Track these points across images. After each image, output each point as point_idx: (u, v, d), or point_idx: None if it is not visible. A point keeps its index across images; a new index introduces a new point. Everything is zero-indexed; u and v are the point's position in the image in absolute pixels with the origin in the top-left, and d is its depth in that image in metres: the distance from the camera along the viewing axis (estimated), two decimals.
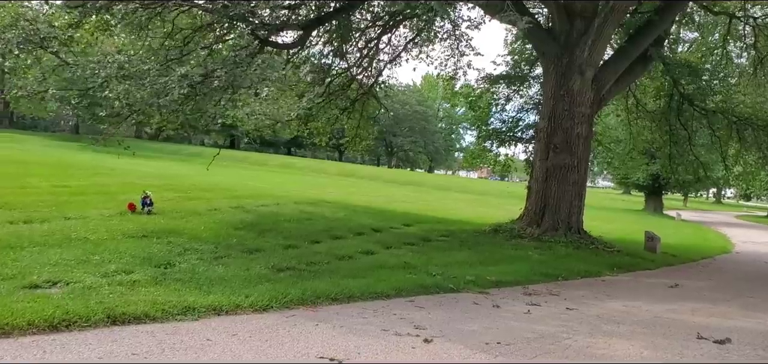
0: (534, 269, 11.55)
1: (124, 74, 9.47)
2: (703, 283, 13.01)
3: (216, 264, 8.80)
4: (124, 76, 9.46)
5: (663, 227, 31.15)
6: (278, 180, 33.53)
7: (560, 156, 15.61)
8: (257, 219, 13.74)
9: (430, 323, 7.05)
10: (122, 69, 9.52)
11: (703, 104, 19.58)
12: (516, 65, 21.28)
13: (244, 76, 9.06)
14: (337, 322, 6.70)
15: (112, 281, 7.18)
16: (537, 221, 15.74)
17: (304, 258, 10.03)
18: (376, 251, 11.77)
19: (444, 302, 8.39)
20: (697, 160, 22.07)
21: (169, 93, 9.02)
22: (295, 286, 7.87)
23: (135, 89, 9.19)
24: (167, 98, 9.05)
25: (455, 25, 19.39)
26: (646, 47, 16.36)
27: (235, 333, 5.94)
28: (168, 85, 9.03)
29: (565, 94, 15.59)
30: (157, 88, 9.11)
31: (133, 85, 9.28)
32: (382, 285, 8.62)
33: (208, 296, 6.99)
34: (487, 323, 7.33)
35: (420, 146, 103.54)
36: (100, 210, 12.31)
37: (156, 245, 9.63)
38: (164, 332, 5.81)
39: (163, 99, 9.05)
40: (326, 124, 18.86)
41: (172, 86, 8.95)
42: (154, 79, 9.25)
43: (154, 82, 9.21)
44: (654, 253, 16.84)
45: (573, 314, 8.27)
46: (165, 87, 9.08)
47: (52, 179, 16.36)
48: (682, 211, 51.85)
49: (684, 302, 10.06)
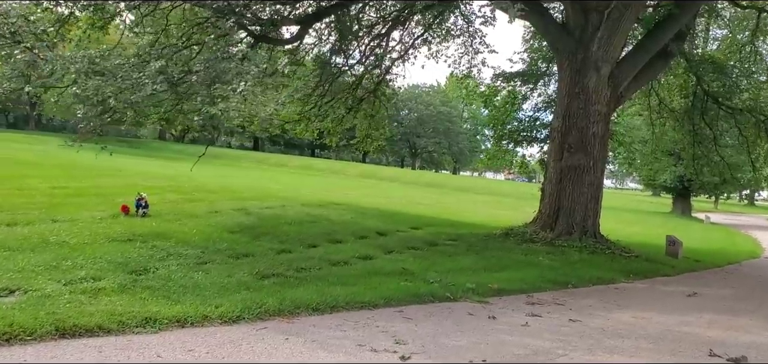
0: (542, 276, 10.90)
1: (96, 70, 9.08)
2: (726, 291, 12.24)
3: (196, 270, 8.34)
4: (96, 71, 9.06)
5: (689, 230, 30.16)
6: (294, 182, 33.16)
7: (575, 156, 14.90)
8: (257, 222, 13.30)
9: (414, 336, 6.50)
10: (94, 64, 9.12)
11: (730, 103, 18.65)
12: (533, 63, 20.57)
13: (226, 71, 8.59)
14: (311, 335, 6.18)
15: (75, 289, 6.74)
16: (550, 224, 15.05)
17: (295, 264, 9.54)
18: (375, 255, 11.23)
19: (436, 312, 7.83)
20: (723, 161, 21.10)
21: (143, 88, 8.60)
22: (275, 295, 7.37)
23: (105, 85, 8.77)
24: (140, 94, 8.63)
25: (468, 21, 18.85)
26: (666, 42, 15.56)
27: (191, 349, 5.45)
28: (142, 80, 8.61)
29: (580, 92, 14.88)
30: (130, 84, 8.69)
31: (105, 80, 8.86)
32: (371, 294, 8.09)
33: (176, 305, 6.52)
34: (477, 337, 6.75)
35: (444, 147, 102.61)
36: (92, 212, 11.96)
37: (138, 249, 9.21)
38: (114, 346, 5.35)
39: (137, 95, 8.63)
40: (337, 124, 18.36)
41: (146, 81, 8.52)
42: (128, 73, 8.85)
43: (127, 77, 8.80)
44: (675, 258, 16.05)
45: (575, 327, 7.64)
46: (139, 82, 8.66)
47: (53, 181, 16.11)
48: (711, 213, 50.37)
49: (701, 313, 9.35)
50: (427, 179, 61.25)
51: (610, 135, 22.31)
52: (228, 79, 8.53)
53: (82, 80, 8.92)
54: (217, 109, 8.32)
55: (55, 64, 9.00)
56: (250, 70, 8.70)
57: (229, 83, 8.47)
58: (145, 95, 8.65)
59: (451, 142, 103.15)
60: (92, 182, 17.04)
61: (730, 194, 59.16)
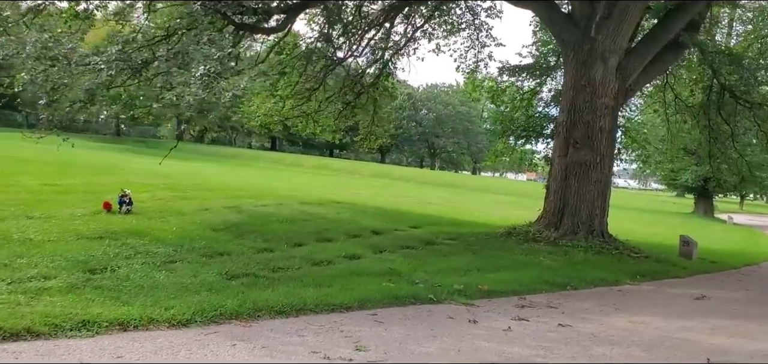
0: (539, 277, 10.26)
1: (50, 55, 8.61)
2: (738, 294, 11.50)
3: (161, 270, 7.86)
4: (51, 56, 8.59)
5: (709, 230, 29.20)
6: (305, 181, 32.71)
7: (581, 152, 14.21)
8: (246, 220, 12.83)
9: (379, 342, 5.96)
10: (47, 49, 8.64)
11: (748, 97, 17.74)
12: (542, 56, 19.85)
13: (192, 56, 8.07)
14: (263, 341, 5.67)
15: (16, 288, 6.29)
16: (555, 223, 14.36)
17: (273, 263, 9.03)
18: (363, 255, 10.68)
19: (413, 315, 7.26)
20: (741, 158, 20.16)
21: (99, 74, 8.12)
22: (237, 297, 6.86)
23: (55, 70, 8.30)
24: (96, 81, 8.14)
25: (474, 14, 18.27)
26: (678, 33, 14.80)
27: (121, 356, 4.96)
28: (98, 65, 8.14)
29: (586, 85, 14.18)
30: (83, 69, 8.22)
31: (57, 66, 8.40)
32: (345, 295, 7.54)
33: (122, 307, 6.05)
34: (450, 343, 6.18)
35: (463, 147, 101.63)
36: (73, 209, 11.55)
37: (106, 247, 8.76)
38: (36, 352, 4.88)
39: (90, 81, 8.14)
40: (334, 119, 17.79)
41: (102, 67, 8.06)
42: (81, 58, 8.39)
43: (80, 62, 8.33)
44: (689, 259, 15.26)
45: (563, 332, 7.03)
46: (95, 67, 8.19)
47: (45, 178, 15.76)
48: (735, 214, 48.98)
49: (706, 317, 8.67)
50: (443, 179, 60.49)
51: (624, 132, 21.59)
52: (191, 64, 8.04)
53: (30, 66, 8.48)
54: (173, 94, 7.83)
55: (9, 49, 8.57)
56: (214, 54, 8.18)
57: (187, 67, 7.98)
58: (99, 82, 8.18)
59: (470, 142, 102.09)
60: (86, 180, 16.70)
61: (752, 194, 57.53)
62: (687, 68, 18.96)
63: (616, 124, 15.32)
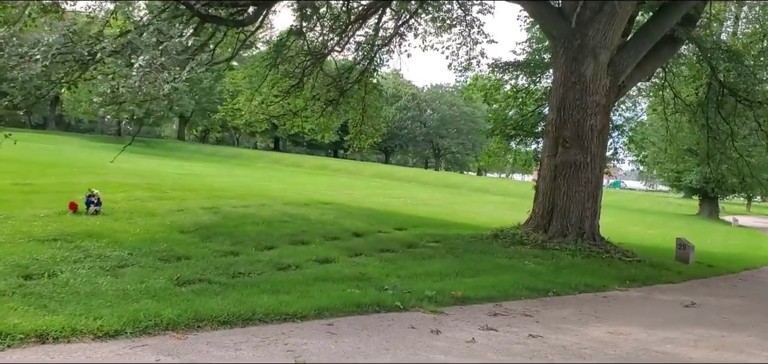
0: (519, 282, 9.73)
1: None
2: (732, 301, 10.95)
3: (107, 275, 7.39)
4: None
5: (712, 233, 28.60)
6: (300, 181, 32.28)
7: (570, 152, 13.66)
8: (219, 221, 12.36)
9: (325, 356, 5.48)
10: None
11: (748, 95, 17.14)
12: (535, 53, 19.31)
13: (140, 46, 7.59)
14: (193, 356, 5.20)
15: None
16: (544, 225, 13.82)
17: (234, 268, 8.54)
18: (336, 259, 10.17)
19: (372, 325, 6.76)
20: (741, 158, 19.54)
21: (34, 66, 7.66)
22: (179, 305, 6.37)
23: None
24: (30, 72, 7.67)
25: (465, 10, 17.76)
26: (673, 28, 14.23)
27: None
28: (33, 55, 7.67)
29: (576, 82, 13.63)
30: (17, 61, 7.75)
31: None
32: (301, 303, 7.04)
33: (46, 317, 5.57)
34: (404, 356, 5.69)
35: (468, 148, 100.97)
36: (37, 210, 11.10)
37: (55, 250, 8.29)
38: None
39: (25, 73, 7.66)
40: (320, 116, 17.26)
41: (37, 57, 7.59)
42: (14, 48, 7.92)
43: (13, 52, 7.87)
44: (685, 263, 14.70)
45: (530, 345, 6.52)
46: (31, 58, 7.73)
47: (19, 177, 15.34)
48: (741, 216, 48.21)
49: (692, 327, 8.13)
50: (445, 180, 60.00)
51: (624, 134, 21.05)
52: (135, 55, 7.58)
53: None
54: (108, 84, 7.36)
55: None
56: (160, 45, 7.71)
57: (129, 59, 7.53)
58: (34, 73, 7.71)
59: (474, 143, 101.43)
60: (62, 180, 16.25)
61: (756, 195, 56.60)
62: (685, 64, 18.36)
63: (608, 122, 14.75)
